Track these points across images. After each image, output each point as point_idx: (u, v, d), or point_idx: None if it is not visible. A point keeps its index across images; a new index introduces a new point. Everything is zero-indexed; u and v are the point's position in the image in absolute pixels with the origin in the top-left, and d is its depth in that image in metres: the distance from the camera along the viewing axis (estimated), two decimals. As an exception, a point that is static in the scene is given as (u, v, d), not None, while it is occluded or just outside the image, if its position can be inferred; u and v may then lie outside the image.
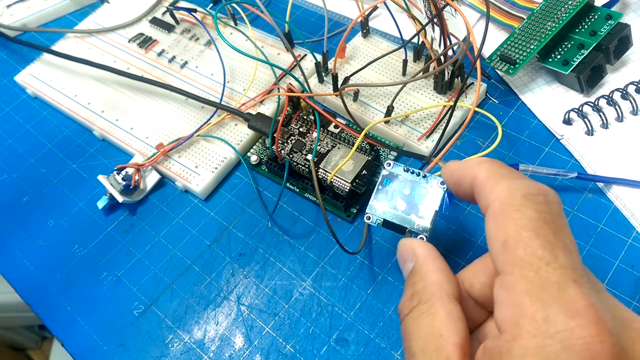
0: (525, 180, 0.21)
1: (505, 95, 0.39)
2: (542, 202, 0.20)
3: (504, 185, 0.21)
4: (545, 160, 0.35)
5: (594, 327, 0.17)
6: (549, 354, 0.17)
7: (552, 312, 0.17)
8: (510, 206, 0.20)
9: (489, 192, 0.21)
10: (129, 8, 0.49)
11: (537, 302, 0.18)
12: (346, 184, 0.32)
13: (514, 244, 0.19)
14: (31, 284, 0.35)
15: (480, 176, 0.22)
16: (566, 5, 0.36)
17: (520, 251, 0.19)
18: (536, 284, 0.18)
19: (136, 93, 0.43)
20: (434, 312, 0.21)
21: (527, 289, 0.18)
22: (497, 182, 0.21)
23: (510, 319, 0.18)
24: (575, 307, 0.17)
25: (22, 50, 0.50)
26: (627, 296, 0.29)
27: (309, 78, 0.40)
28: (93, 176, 0.39)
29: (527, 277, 0.18)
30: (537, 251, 0.19)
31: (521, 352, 0.17)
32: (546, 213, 0.20)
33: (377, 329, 0.30)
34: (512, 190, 0.20)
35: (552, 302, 0.18)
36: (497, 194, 0.21)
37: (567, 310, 0.17)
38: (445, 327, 0.21)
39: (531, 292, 0.18)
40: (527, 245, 0.19)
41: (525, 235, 0.19)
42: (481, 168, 0.22)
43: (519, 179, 0.21)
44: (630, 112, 0.35)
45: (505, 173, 0.22)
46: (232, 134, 0.39)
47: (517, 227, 0.19)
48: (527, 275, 0.18)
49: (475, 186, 0.23)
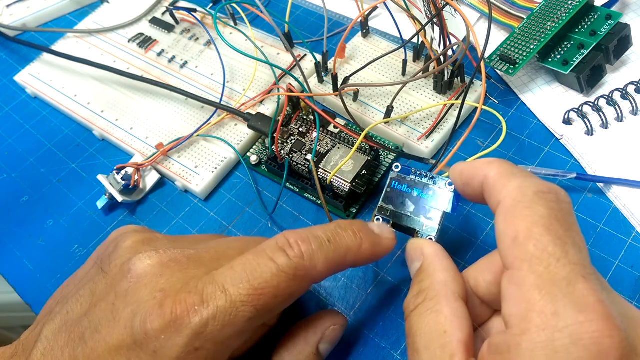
0: (536, 179, 0.21)
1: (505, 95, 0.39)
2: (554, 200, 0.20)
3: (515, 183, 0.21)
4: (545, 160, 0.35)
5: (603, 322, 0.17)
6: (558, 347, 0.17)
7: (561, 306, 0.17)
8: (521, 203, 0.20)
9: (500, 190, 0.21)
10: (129, 8, 0.49)
11: (546, 296, 0.18)
12: (346, 184, 0.32)
13: (525, 240, 0.19)
14: (31, 284, 0.35)
15: (491, 175, 0.22)
16: (566, 5, 0.36)
17: (531, 247, 0.19)
18: (546, 279, 0.18)
19: (136, 93, 0.43)
20: (439, 310, 0.22)
21: (537, 284, 0.18)
22: (509, 180, 0.21)
23: (519, 314, 0.18)
24: (585, 302, 0.17)
25: (22, 50, 0.50)
26: (627, 296, 0.29)
27: (309, 78, 0.40)
28: (93, 176, 0.39)
29: (537, 272, 0.18)
30: (547, 247, 0.19)
31: (530, 346, 0.18)
32: (557, 211, 0.20)
33: (377, 329, 0.30)
34: (524, 188, 0.21)
35: (561, 297, 0.18)
36: (508, 191, 0.21)
37: (577, 305, 0.17)
38: (450, 324, 0.21)
39: (541, 287, 0.18)
40: (538, 241, 0.19)
41: (536, 231, 0.19)
42: (491, 167, 0.23)
43: (530, 178, 0.21)
44: (630, 112, 0.35)
45: (516, 172, 0.22)
46: (232, 134, 0.39)
47: (528, 224, 0.19)
48: (537, 270, 0.18)
49: (485, 185, 0.23)
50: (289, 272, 0.22)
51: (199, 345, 0.21)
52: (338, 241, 0.24)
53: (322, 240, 0.24)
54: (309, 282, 0.24)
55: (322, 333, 0.27)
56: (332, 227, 0.25)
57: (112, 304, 0.23)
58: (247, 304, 0.22)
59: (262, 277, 0.22)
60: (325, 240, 0.24)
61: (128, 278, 0.23)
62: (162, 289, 0.23)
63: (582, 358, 0.17)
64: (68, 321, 0.23)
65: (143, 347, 0.21)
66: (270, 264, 0.22)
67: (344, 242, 0.24)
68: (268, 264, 0.22)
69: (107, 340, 0.22)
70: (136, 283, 0.23)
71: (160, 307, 0.21)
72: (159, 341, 0.21)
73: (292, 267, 0.23)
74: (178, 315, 0.21)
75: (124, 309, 0.22)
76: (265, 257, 0.23)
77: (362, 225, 0.26)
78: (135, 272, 0.23)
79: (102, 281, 0.24)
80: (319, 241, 0.24)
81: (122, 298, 0.23)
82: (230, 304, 0.21)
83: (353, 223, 0.26)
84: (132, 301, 0.22)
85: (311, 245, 0.23)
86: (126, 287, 0.23)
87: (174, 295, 0.22)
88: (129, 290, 0.23)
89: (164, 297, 0.22)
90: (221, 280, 0.22)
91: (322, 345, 0.27)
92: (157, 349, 0.21)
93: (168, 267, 0.24)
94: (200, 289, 0.22)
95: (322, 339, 0.26)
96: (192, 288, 0.22)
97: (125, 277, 0.23)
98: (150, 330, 0.21)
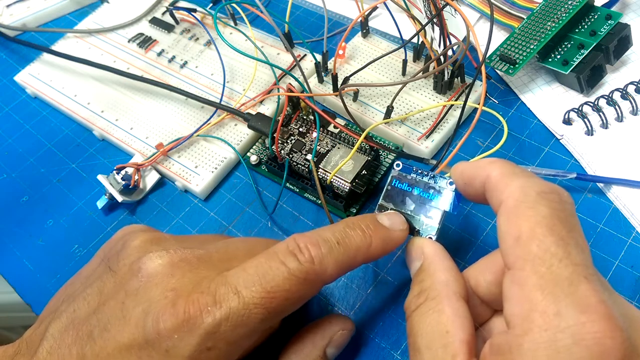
0: (538, 179, 0.21)
1: (505, 95, 0.39)
2: (556, 200, 0.20)
3: (518, 183, 0.21)
4: (545, 160, 0.35)
5: (605, 323, 0.17)
6: (560, 348, 0.17)
7: (564, 306, 0.17)
8: (523, 203, 0.20)
9: (502, 190, 0.21)
10: (129, 8, 0.49)
11: (548, 296, 0.18)
12: (346, 183, 0.32)
13: (527, 240, 0.19)
14: (31, 284, 0.35)
15: (493, 174, 0.22)
16: (566, 5, 0.36)
17: (534, 247, 0.19)
18: (548, 280, 0.18)
19: (136, 93, 0.43)
20: (440, 309, 0.22)
21: (539, 284, 0.18)
22: (511, 180, 0.21)
23: (522, 314, 0.18)
24: (587, 302, 0.17)
25: (22, 50, 0.50)
26: (627, 296, 0.29)
27: (309, 78, 0.40)
28: (92, 176, 0.39)
29: (539, 273, 0.18)
30: (550, 247, 0.19)
31: (532, 347, 0.18)
32: (559, 211, 0.20)
33: (377, 329, 0.30)
34: (526, 188, 0.21)
35: (563, 297, 0.18)
36: (510, 191, 0.21)
37: (579, 306, 0.17)
38: (452, 324, 0.21)
39: (543, 287, 0.18)
40: (540, 241, 0.19)
41: (539, 231, 0.19)
42: (494, 167, 0.23)
43: (532, 178, 0.21)
44: (630, 112, 0.35)
45: (518, 172, 0.22)
46: (232, 134, 0.39)
47: (531, 224, 0.19)
48: (540, 270, 0.19)
49: (487, 184, 0.23)
50: (300, 276, 0.23)
51: (211, 345, 0.21)
52: (347, 243, 0.24)
53: (332, 244, 0.24)
54: (320, 284, 0.24)
55: (330, 337, 0.27)
56: (340, 228, 0.25)
57: (121, 302, 0.23)
58: (260, 306, 0.22)
59: (274, 281, 0.22)
60: (334, 243, 0.24)
61: (139, 277, 0.23)
62: (173, 288, 0.23)
63: (584, 358, 0.17)
64: (75, 319, 0.23)
65: (155, 346, 0.21)
66: (282, 267, 0.23)
67: (354, 242, 0.24)
68: (280, 267, 0.23)
69: (117, 339, 0.22)
70: (147, 282, 0.23)
71: (173, 307, 0.22)
72: (172, 340, 0.21)
73: (303, 271, 0.23)
74: (191, 315, 0.21)
75: (135, 308, 0.22)
76: (276, 261, 0.23)
77: (371, 220, 0.26)
78: (146, 271, 0.23)
79: (110, 280, 0.24)
80: (328, 245, 0.24)
81: (133, 297, 0.23)
82: (243, 306, 0.22)
83: (362, 219, 0.26)
84: (143, 300, 0.22)
85: (321, 249, 0.23)
86: (137, 286, 0.23)
87: (187, 295, 0.22)
88: (140, 289, 0.23)
89: (176, 296, 0.22)
90: (234, 281, 0.22)
91: (330, 349, 0.27)
92: (170, 348, 0.21)
93: (179, 267, 0.24)
94: (213, 290, 0.22)
95: (330, 343, 0.27)
96: (205, 288, 0.22)
97: (135, 276, 0.23)
98: (162, 329, 0.21)
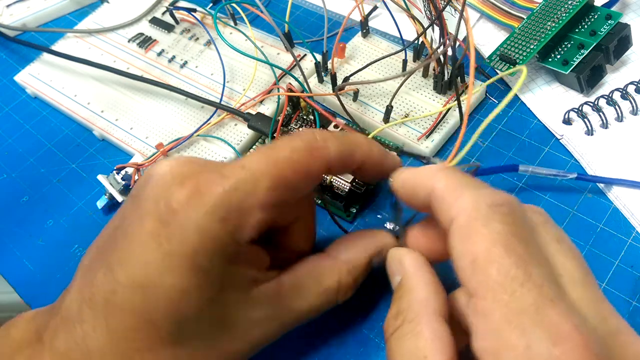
0: (488, 189, 0.20)
1: (505, 95, 0.39)
2: (507, 212, 0.19)
3: (468, 196, 0.20)
4: (545, 160, 0.35)
5: (579, 353, 0.16)
6: None
7: (534, 339, 0.17)
8: (476, 220, 0.19)
9: (451, 204, 0.20)
10: (129, 8, 0.49)
11: (516, 329, 0.17)
12: (346, 184, 0.32)
13: (485, 264, 0.18)
14: (31, 284, 0.35)
15: (439, 187, 0.21)
16: (566, 5, 0.36)
17: (493, 272, 0.18)
18: (513, 309, 0.17)
19: (136, 93, 0.43)
20: (418, 332, 0.20)
21: (504, 315, 0.17)
22: (460, 193, 0.20)
23: (491, 350, 0.18)
24: (558, 331, 0.17)
25: (22, 50, 0.50)
26: (626, 296, 0.29)
27: (309, 78, 0.40)
28: (92, 176, 0.39)
29: (503, 301, 0.17)
30: (510, 270, 0.18)
31: None
32: (512, 225, 0.19)
33: (377, 329, 0.30)
34: (477, 202, 0.19)
35: (532, 328, 0.17)
36: (461, 206, 0.20)
37: (550, 336, 0.16)
38: (430, 348, 0.20)
39: (509, 319, 0.17)
40: (499, 264, 0.18)
41: (496, 252, 0.18)
42: (439, 177, 0.21)
43: (483, 188, 0.20)
44: (630, 112, 0.35)
45: (466, 182, 0.21)
46: (232, 134, 0.39)
47: (487, 244, 0.18)
48: (502, 299, 0.17)
49: (433, 198, 0.21)
50: (304, 147, 0.23)
51: (224, 215, 0.21)
52: (350, 137, 0.25)
53: (334, 133, 0.25)
54: (324, 162, 0.24)
55: (379, 248, 0.27)
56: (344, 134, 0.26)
57: (137, 206, 0.23)
58: (266, 174, 0.22)
59: (278, 155, 0.23)
60: (337, 134, 0.25)
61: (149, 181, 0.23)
62: (181, 172, 0.23)
63: None
64: (100, 244, 0.24)
65: (171, 224, 0.21)
66: (286, 146, 0.23)
67: (356, 138, 0.25)
68: (284, 146, 0.23)
69: (136, 235, 0.22)
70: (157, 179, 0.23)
71: (181, 185, 0.22)
72: (185, 213, 0.21)
73: (306, 142, 0.23)
74: (200, 187, 0.21)
75: (147, 201, 0.22)
76: (280, 143, 0.24)
77: None
78: (155, 172, 0.23)
79: (129, 201, 0.24)
80: (330, 132, 0.25)
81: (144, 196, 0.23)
82: (250, 175, 0.22)
83: None
84: (153, 193, 0.22)
85: (323, 132, 0.24)
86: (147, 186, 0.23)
87: (195, 175, 0.22)
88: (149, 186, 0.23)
89: (184, 178, 0.22)
90: (239, 162, 0.23)
91: (376, 258, 0.27)
92: (184, 221, 0.21)
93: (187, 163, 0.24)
94: (220, 168, 0.22)
95: (379, 253, 0.26)
96: (212, 169, 0.23)
97: (147, 182, 0.23)
98: (174, 204, 0.21)
